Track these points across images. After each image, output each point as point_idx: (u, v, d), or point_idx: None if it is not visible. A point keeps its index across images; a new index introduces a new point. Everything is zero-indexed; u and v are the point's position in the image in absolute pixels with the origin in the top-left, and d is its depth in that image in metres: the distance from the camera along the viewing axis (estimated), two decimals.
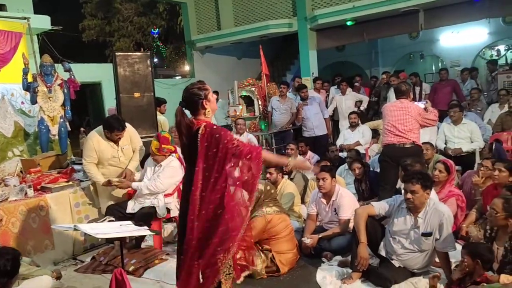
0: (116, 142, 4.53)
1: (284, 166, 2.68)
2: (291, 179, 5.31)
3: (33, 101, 5.65)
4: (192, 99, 2.66)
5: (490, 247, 3.01)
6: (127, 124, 4.65)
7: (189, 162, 2.75)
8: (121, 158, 4.61)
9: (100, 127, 4.56)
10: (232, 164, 2.55)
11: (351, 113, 7.28)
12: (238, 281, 2.98)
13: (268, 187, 4.04)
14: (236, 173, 2.58)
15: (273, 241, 3.82)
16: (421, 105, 4.90)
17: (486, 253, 2.84)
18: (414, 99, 6.47)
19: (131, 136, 4.73)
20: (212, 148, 2.53)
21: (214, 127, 2.60)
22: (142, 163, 4.94)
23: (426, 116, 4.61)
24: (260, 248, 3.82)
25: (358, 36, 9.95)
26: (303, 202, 5.15)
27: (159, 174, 4.35)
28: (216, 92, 9.38)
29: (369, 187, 5.00)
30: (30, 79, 5.69)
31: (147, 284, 3.75)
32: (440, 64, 12.60)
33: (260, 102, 8.33)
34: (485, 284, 2.73)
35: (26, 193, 4.38)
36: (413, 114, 4.58)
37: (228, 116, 8.69)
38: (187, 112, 2.73)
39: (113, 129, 4.40)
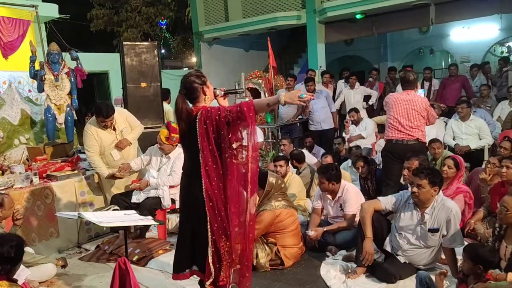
0: (109, 127, 4.59)
1: (277, 103, 2.57)
2: (299, 173, 5.28)
3: (40, 89, 5.65)
4: (192, 86, 2.66)
5: (493, 248, 2.96)
6: (118, 108, 4.76)
7: (188, 149, 2.74)
8: None
9: (94, 118, 4.62)
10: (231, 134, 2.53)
11: (350, 110, 7.17)
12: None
13: (279, 181, 4.00)
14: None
15: (279, 235, 3.80)
16: None
17: (489, 257, 2.74)
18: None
19: (127, 117, 4.82)
20: (209, 126, 2.51)
21: (208, 108, 2.60)
22: (145, 151, 4.94)
23: (431, 111, 4.50)
24: (265, 241, 3.80)
25: (367, 29, 9.84)
26: (308, 196, 5.12)
27: (174, 169, 4.37)
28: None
29: (376, 185, 4.85)
30: (37, 67, 5.68)
31: (151, 274, 3.76)
32: (449, 60, 12.45)
33: (266, 95, 8.28)
34: (491, 282, 2.69)
35: (31, 181, 4.39)
36: (419, 108, 4.37)
37: None
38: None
39: (98, 114, 4.47)
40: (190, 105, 2.71)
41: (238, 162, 2.58)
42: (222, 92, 2.79)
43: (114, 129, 4.65)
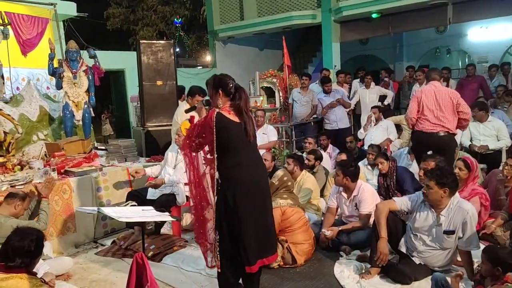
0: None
1: None
2: (314, 173, 5.26)
3: (59, 86, 5.74)
4: None
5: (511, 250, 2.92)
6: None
7: (253, 140, 2.92)
8: None
9: (181, 104, 4.82)
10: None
11: (373, 107, 7.14)
12: None
13: (285, 178, 4.02)
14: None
15: (288, 233, 3.82)
16: None
17: (509, 259, 2.69)
18: None
19: None
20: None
21: None
22: (163, 153, 4.99)
23: (461, 105, 4.49)
24: (276, 238, 3.81)
25: (383, 29, 9.77)
26: (322, 195, 5.11)
27: None
28: None
29: (395, 182, 4.75)
30: (56, 64, 5.77)
31: (166, 269, 3.79)
32: (467, 60, 12.28)
33: (281, 94, 8.28)
34: (509, 284, 2.66)
35: None
36: (447, 97, 4.49)
37: None
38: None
39: (194, 93, 4.87)
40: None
41: None
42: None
43: None
